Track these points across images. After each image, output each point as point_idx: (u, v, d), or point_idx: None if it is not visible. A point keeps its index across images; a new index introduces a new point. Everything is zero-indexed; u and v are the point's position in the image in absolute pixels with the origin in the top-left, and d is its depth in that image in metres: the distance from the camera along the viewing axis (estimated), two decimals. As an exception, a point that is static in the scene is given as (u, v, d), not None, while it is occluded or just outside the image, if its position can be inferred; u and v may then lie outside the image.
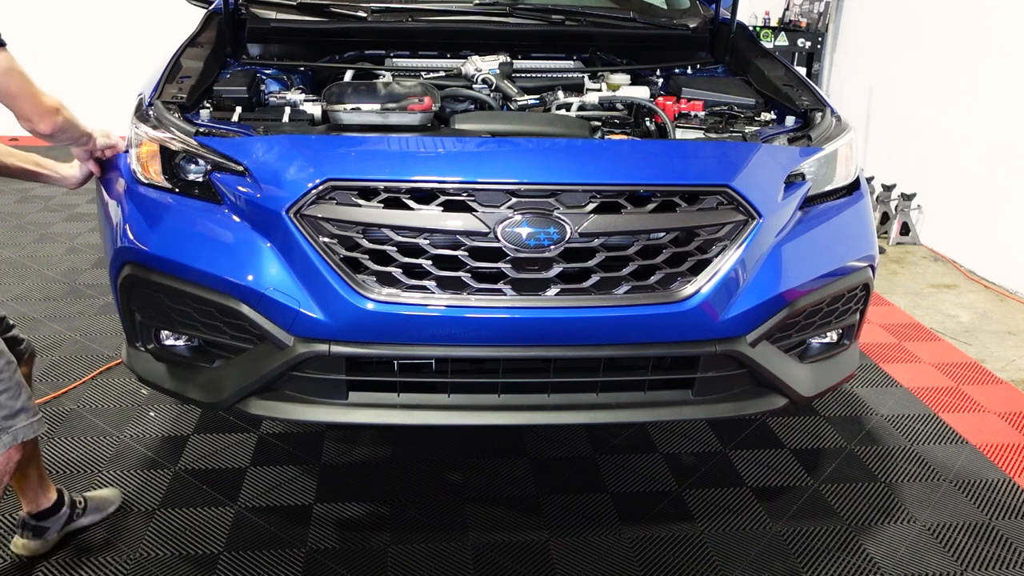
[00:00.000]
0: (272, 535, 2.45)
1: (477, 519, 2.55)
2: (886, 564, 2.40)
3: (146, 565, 2.32)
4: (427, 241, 2.05)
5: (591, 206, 2.07)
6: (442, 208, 2.04)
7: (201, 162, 2.18)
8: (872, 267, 2.42)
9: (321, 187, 2.02)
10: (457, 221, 2.03)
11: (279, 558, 2.36)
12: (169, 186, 2.20)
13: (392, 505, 2.60)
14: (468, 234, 2.03)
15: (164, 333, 2.30)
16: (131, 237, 2.19)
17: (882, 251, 5.04)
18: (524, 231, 2.03)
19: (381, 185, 2.04)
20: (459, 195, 2.04)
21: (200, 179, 2.19)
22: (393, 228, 2.04)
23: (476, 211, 2.03)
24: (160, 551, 2.37)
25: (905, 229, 5.23)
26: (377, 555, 2.38)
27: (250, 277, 2.07)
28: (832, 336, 2.48)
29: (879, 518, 2.60)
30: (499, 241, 2.03)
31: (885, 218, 5.31)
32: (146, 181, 2.23)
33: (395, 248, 2.05)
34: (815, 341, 2.45)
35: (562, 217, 2.04)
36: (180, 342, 2.30)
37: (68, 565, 2.31)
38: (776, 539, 2.50)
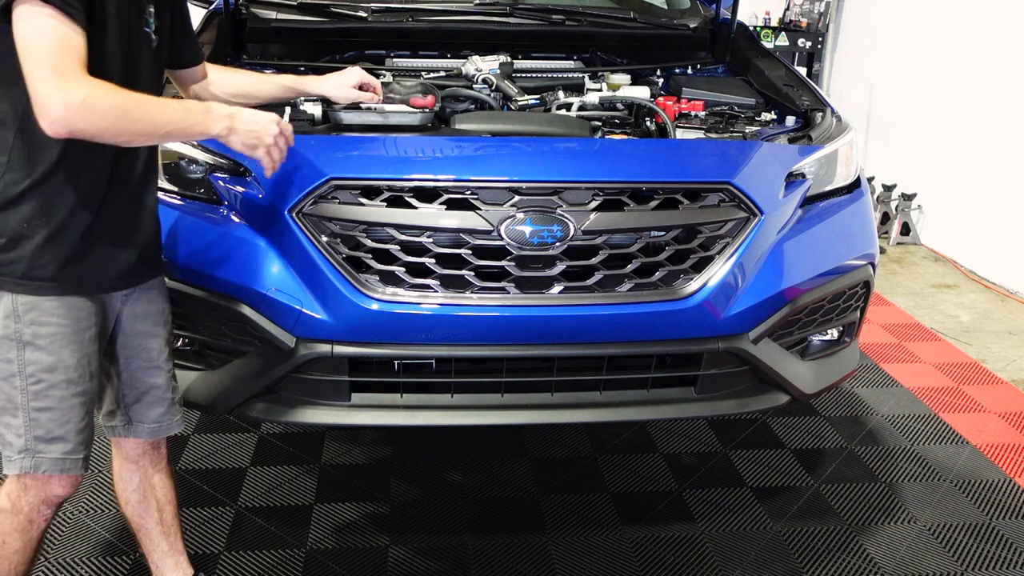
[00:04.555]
0: (272, 535, 2.45)
1: (477, 519, 2.54)
2: (886, 564, 2.40)
3: (147, 565, 2.31)
4: (430, 239, 2.04)
5: (594, 204, 2.07)
6: (445, 206, 2.04)
7: (201, 162, 2.18)
8: (872, 265, 2.43)
9: (324, 186, 2.01)
10: (460, 219, 2.03)
11: (279, 558, 2.36)
12: (169, 186, 2.19)
13: (392, 505, 2.60)
14: (471, 232, 2.03)
15: None
16: None
17: (882, 251, 5.05)
18: (527, 229, 2.02)
19: (384, 184, 2.04)
20: (462, 193, 2.04)
21: (200, 179, 2.18)
22: (396, 227, 2.04)
23: (479, 209, 2.03)
24: (160, 551, 2.37)
25: (905, 229, 5.24)
26: (377, 555, 2.38)
27: (251, 278, 2.06)
28: (833, 333, 2.48)
29: (879, 518, 2.60)
30: (502, 239, 2.03)
31: (885, 218, 5.31)
32: None
33: (398, 247, 2.05)
34: (816, 338, 2.45)
35: (565, 215, 2.04)
36: (178, 346, 2.29)
37: (68, 564, 2.31)
38: (776, 539, 2.50)
